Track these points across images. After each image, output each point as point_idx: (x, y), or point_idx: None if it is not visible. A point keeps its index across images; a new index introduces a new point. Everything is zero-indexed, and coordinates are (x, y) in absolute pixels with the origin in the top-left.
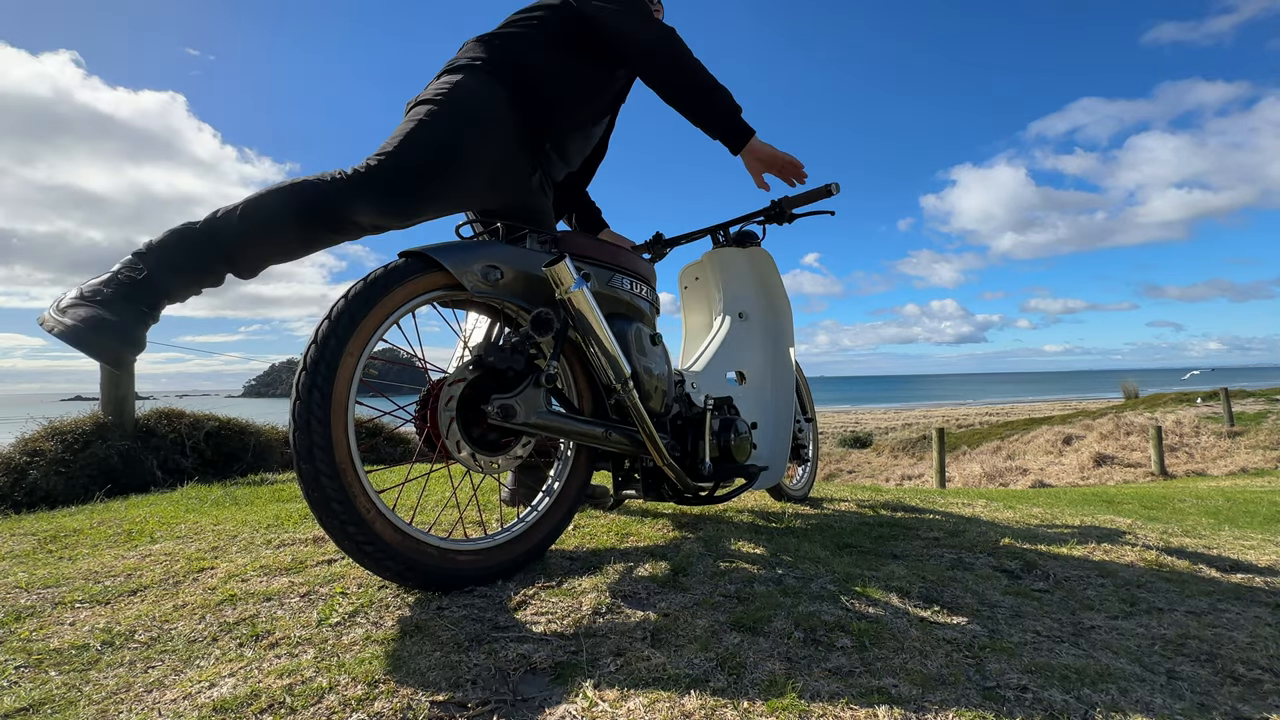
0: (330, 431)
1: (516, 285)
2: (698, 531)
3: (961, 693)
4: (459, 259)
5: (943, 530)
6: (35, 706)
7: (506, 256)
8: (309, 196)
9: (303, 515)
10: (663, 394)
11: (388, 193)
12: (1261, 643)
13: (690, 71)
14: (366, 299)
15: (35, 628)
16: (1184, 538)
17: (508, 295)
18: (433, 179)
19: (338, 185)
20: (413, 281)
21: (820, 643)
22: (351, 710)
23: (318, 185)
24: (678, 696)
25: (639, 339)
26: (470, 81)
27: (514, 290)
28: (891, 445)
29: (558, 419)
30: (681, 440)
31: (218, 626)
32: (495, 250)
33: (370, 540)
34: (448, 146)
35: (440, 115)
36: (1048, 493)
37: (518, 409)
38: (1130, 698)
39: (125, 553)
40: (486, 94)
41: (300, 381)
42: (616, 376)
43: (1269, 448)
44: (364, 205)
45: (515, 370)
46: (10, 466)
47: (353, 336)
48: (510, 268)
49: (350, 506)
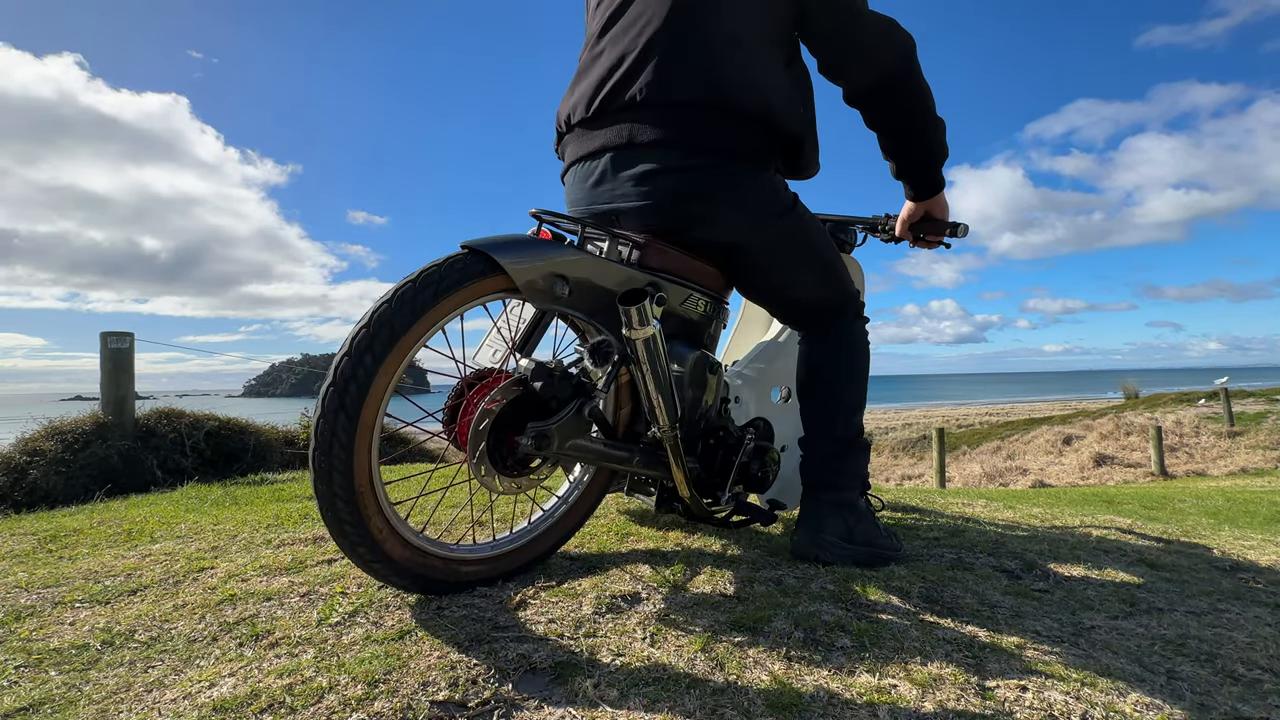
0: (353, 457)
1: (585, 301)
2: (698, 531)
3: (961, 693)
4: (523, 262)
5: (943, 530)
6: (35, 706)
7: (579, 266)
8: None
9: (303, 515)
10: (702, 423)
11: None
12: (1261, 643)
13: (923, 104)
14: (414, 307)
15: (35, 627)
16: (1184, 538)
17: (572, 309)
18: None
19: None
20: (467, 287)
21: (820, 643)
22: (351, 710)
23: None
24: (678, 696)
25: (698, 370)
26: None
27: (580, 306)
28: (891, 445)
29: (592, 445)
30: (708, 462)
31: (218, 626)
32: (567, 256)
33: (379, 559)
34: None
35: None
36: (1048, 493)
37: (554, 439)
38: (1130, 698)
39: (125, 552)
40: None
41: (327, 398)
42: (666, 420)
43: (1269, 448)
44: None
45: (559, 399)
46: (10, 466)
47: (390, 354)
48: (581, 279)
49: (363, 529)
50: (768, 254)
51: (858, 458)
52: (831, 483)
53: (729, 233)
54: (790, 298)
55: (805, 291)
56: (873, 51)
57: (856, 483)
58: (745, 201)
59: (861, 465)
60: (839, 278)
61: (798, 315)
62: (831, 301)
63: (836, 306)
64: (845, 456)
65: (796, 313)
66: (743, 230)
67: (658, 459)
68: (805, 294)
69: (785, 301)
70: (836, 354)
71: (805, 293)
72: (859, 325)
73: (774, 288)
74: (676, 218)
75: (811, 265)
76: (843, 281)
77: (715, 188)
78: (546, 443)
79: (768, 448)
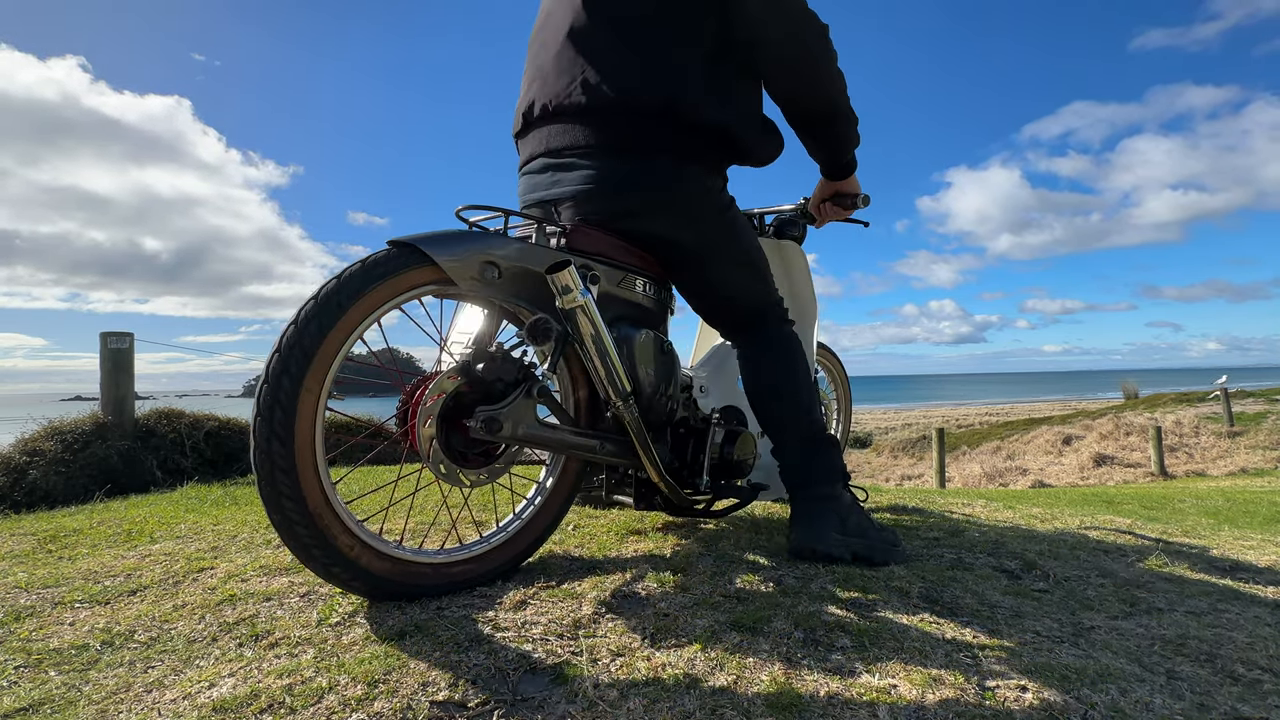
0: (299, 481)
1: (517, 285)
2: (697, 531)
3: (961, 693)
4: (453, 252)
5: (943, 530)
6: (35, 706)
7: (507, 252)
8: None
9: None
10: (666, 405)
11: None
12: (1261, 643)
13: (831, 91)
14: (335, 306)
15: (35, 628)
16: (1184, 538)
17: (507, 296)
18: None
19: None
20: (395, 278)
21: (820, 643)
22: (351, 710)
23: None
24: (678, 696)
25: (647, 347)
26: None
27: (514, 291)
28: (891, 445)
29: (548, 431)
30: (680, 450)
31: (218, 626)
32: (495, 244)
33: (356, 576)
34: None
35: None
36: (1047, 493)
37: (504, 423)
38: (1130, 698)
39: (125, 553)
40: None
41: (257, 429)
42: (616, 393)
43: (1269, 448)
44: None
45: (505, 381)
46: (10, 466)
47: (310, 370)
48: (511, 264)
49: (331, 550)
50: (696, 250)
51: (829, 451)
52: (812, 481)
53: (656, 226)
54: (720, 296)
55: (733, 291)
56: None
57: (836, 475)
58: (672, 199)
59: (836, 458)
60: (766, 283)
61: (726, 317)
62: (759, 306)
63: (763, 312)
64: (816, 454)
65: (725, 314)
66: (669, 225)
67: (625, 447)
68: (734, 294)
69: (715, 300)
70: (780, 360)
71: (733, 293)
72: (788, 329)
73: (704, 285)
74: (601, 211)
75: (741, 267)
76: (770, 288)
77: (634, 184)
78: (496, 426)
79: (741, 432)
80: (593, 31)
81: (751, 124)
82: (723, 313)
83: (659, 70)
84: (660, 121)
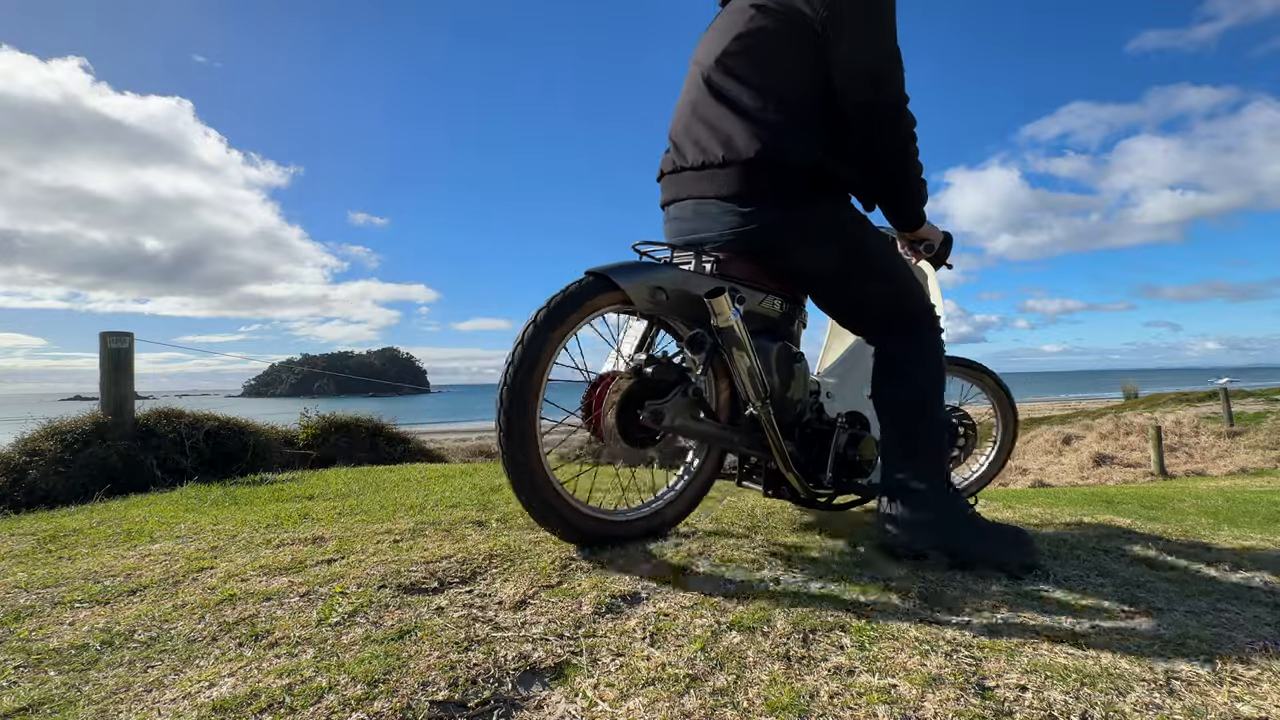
0: (530, 462)
1: (679, 306)
2: (697, 531)
3: (961, 693)
4: (633, 281)
5: None
6: (35, 706)
7: (673, 280)
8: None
9: (302, 515)
10: (795, 407)
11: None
12: (1261, 642)
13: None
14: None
15: (35, 628)
16: (1184, 538)
17: (671, 314)
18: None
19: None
20: (590, 301)
21: (820, 643)
22: (351, 710)
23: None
24: (678, 696)
25: (781, 357)
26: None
27: (677, 310)
28: None
29: (698, 424)
30: (807, 448)
31: (217, 626)
32: (663, 273)
33: (572, 531)
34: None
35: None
36: (1047, 493)
37: (666, 415)
38: (1130, 698)
39: (125, 553)
40: None
41: (503, 423)
42: (757, 395)
43: (1268, 448)
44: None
45: (668, 381)
46: (10, 466)
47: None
48: (675, 289)
49: (559, 515)
50: (833, 275)
51: (938, 455)
52: (913, 479)
53: (795, 261)
54: (857, 308)
55: (871, 303)
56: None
57: (939, 478)
58: (803, 237)
59: (943, 462)
60: (905, 291)
61: (864, 326)
62: (896, 313)
63: (900, 318)
64: (926, 457)
65: (863, 323)
66: (807, 259)
67: (758, 440)
68: (871, 305)
69: (852, 312)
70: (907, 363)
71: (871, 304)
72: (925, 334)
73: (842, 301)
74: (745, 249)
75: (876, 280)
76: (907, 295)
77: (772, 227)
78: (660, 417)
79: (864, 436)
80: (721, 97)
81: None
82: (861, 322)
83: (777, 130)
84: (782, 173)
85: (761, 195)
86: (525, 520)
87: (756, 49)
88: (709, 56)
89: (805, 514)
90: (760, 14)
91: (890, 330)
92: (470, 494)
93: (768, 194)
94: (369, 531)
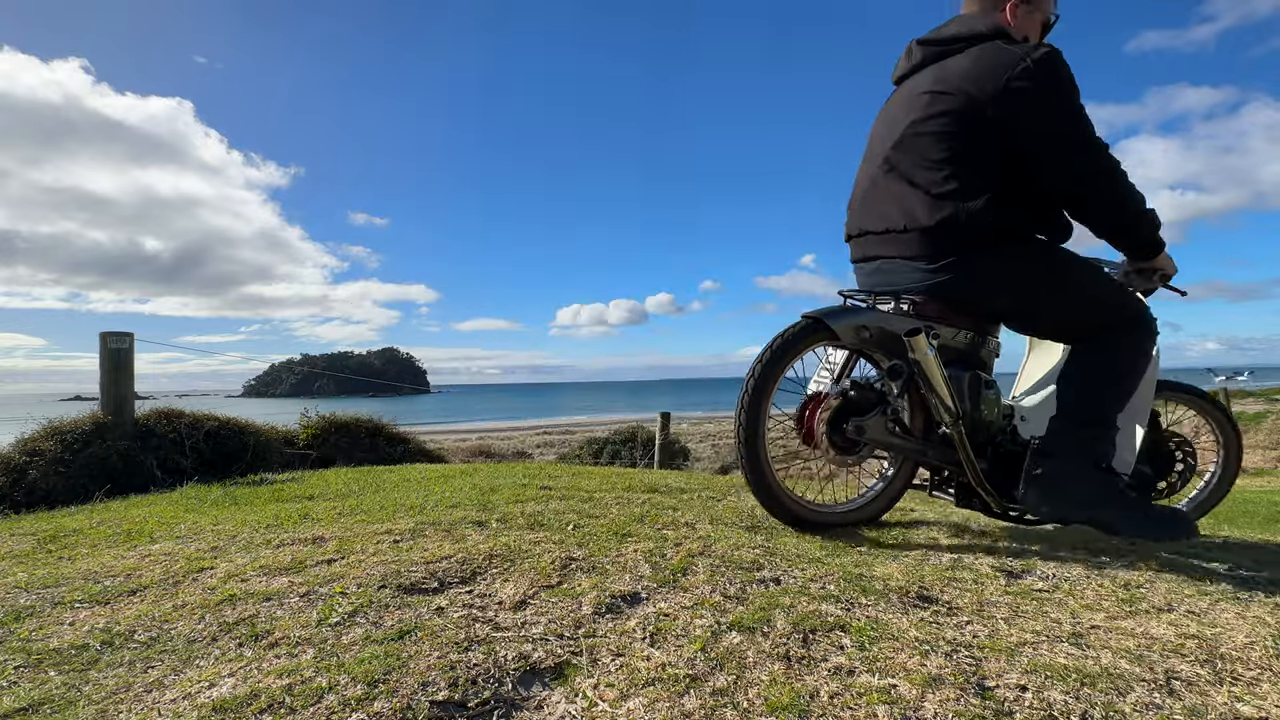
0: (761, 465)
1: (880, 341)
2: (697, 531)
3: (961, 693)
4: (843, 323)
5: (943, 530)
6: (35, 706)
7: (874, 321)
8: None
9: (302, 515)
10: (987, 429)
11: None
12: (1260, 643)
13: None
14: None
15: (35, 628)
16: None
17: (872, 347)
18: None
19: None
20: (809, 339)
21: (820, 643)
22: (351, 710)
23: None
24: (678, 696)
25: (973, 385)
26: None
27: (877, 345)
28: None
29: (895, 439)
30: (1000, 467)
31: (217, 626)
32: (868, 316)
33: (796, 520)
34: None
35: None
36: None
37: (868, 430)
38: (1130, 698)
39: (125, 553)
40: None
41: (742, 435)
42: (950, 417)
43: (1269, 448)
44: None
45: (869, 402)
46: (10, 466)
47: (765, 396)
48: (878, 328)
49: (772, 495)
50: (1019, 310)
51: (1101, 434)
52: (1073, 454)
53: (980, 304)
54: (1059, 329)
55: (1073, 321)
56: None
57: (1097, 456)
58: (998, 287)
59: (1104, 443)
60: (1102, 306)
61: (1069, 339)
62: (1099, 324)
63: (1106, 326)
64: (1086, 437)
65: (1067, 338)
66: (990, 298)
67: (950, 456)
68: (1073, 322)
69: (1056, 332)
70: (1099, 362)
71: (1073, 322)
72: (1132, 336)
73: (1036, 327)
74: (935, 294)
75: (1077, 304)
76: (1108, 306)
77: (952, 279)
78: (863, 432)
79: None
80: (901, 173)
81: (1040, 221)
82: (1065, 336)
83: (955, 198)
84: (961, 235)
85: (944, 255)
86: (525, 520)
87: (934, 130)
88: (890, 136)
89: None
90: (937, 99)
91: (1093, 335)
92: (470, 494)
93: (948, 253)
94: (369, 531)
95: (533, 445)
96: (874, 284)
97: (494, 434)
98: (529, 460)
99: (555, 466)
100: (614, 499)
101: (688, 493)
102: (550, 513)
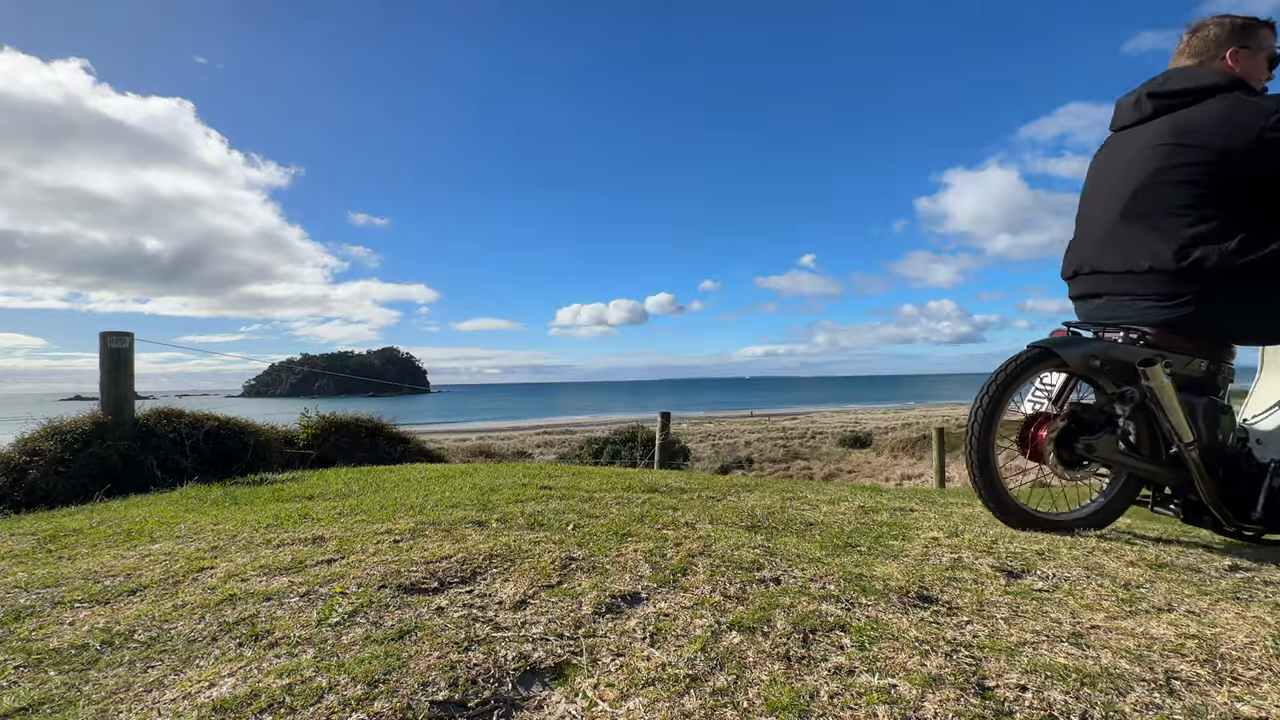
0: (994, 482)
1: (1109, 370)
2: (697, 531)
3: (961, 692)
4: (1072, 352)
5: (943, 530)
6: (35, 706)
7: (1105, 351)
8: None
9: (302, 515)
10: (1220, 451)
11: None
12: (1260, 642)
13: None
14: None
15: (35, 627)
16: (1184, 538)
17: (1098, 375)
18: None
19: None
20: (1037, 365)
21: (820, 642)
22: (351, 710)
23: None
24: (678, 696)
25: (1207, 410)
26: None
27: (1105, 372)
28: (891, 445)
29: (1124, 457)
30: (1233, 488)
31: (217, 626)
32: (1096, 346)
33: (1009, 513)
34: None
35: None
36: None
37: (1097, 448)
38: (1130, 698)
39: (125, 553)
40: None
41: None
42: (1181, 441)
43: None
44: None
45: (1095, 423)
46: (10, 466)
47: (995, 416)
48: (1108, 357)
49: (1001, 502)
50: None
51: None
52: None
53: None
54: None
55: None
56: None
57: None
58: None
59: None
60: None
61: None
62: None
63: None
64: None
65: None
66: (1233, 334)
67: (1177, 476)
68: None
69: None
70: None
71: None
72: None
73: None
74: (1171, 328)
75: None
76: None
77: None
78: (1093, 450)
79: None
80: (1140, 219)
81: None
82: None
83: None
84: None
85: (1186, 291)
86: (525, 520)
87: (1178, 180)
88: (1126, 184)
89: (805, 514)
90: (1179, 150)
91: None
92: (470, 494)
93: (1191, 290)
94: (369, 531)
95: (533, 445)
96: (1100, 317)
97: (494, 434)
98: (529, 460)
99: (555, 466)
100: (614, 499)
101: (688, 493)
102: (550, 513)
